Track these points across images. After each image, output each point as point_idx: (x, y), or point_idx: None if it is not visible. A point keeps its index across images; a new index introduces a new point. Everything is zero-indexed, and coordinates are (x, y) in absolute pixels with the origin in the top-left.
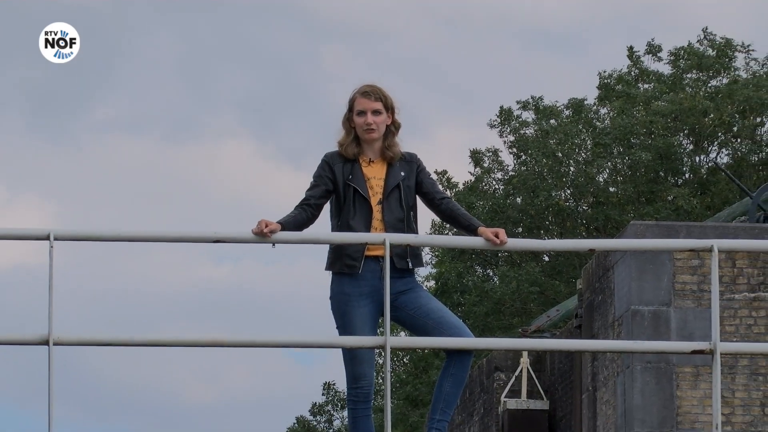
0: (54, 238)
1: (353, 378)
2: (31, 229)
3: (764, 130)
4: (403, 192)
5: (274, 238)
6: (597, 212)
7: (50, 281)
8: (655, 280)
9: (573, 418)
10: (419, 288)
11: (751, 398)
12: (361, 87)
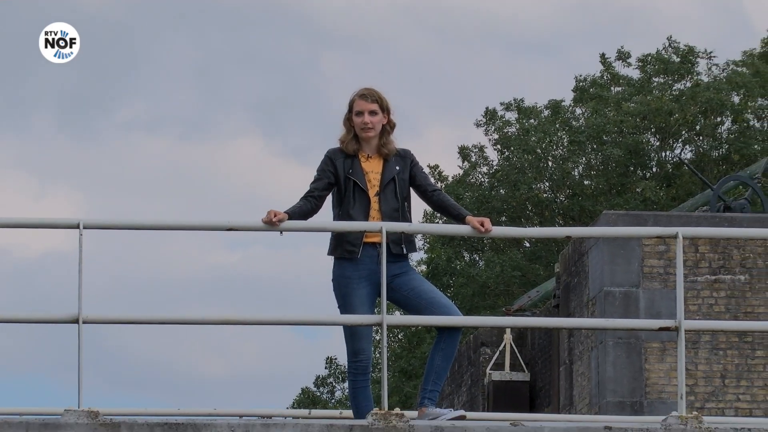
0: (83, 227)
1: (353, 353)
2: (62, 219)
3: (724, 129)
4: (398, 184)
5: (281, 227)
6: (573, 203)
7: (80, 266)
8: (626, 263)
9: (551, 388)
10: (413, 271)
11: (712, 371)
12: (360, 90)
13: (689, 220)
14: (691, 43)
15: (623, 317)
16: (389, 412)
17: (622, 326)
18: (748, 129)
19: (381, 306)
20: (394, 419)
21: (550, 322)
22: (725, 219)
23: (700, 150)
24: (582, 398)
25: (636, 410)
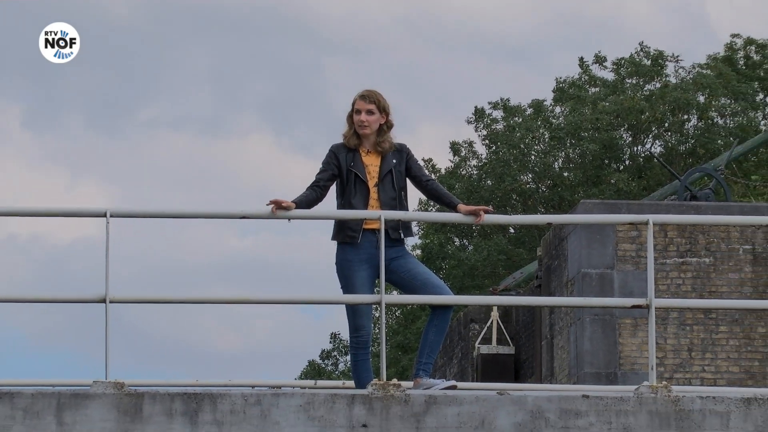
0: (110, 216)
1: (354, 329)
2: (91, 208)
3: (690, 126)
4: (395, 176)
5: (289, 214)
6: (553, 193)
7: (107, 251)
8: (601, 247)
9: (534, 360)
10: (408, 255)
11: (679, 344)
12: (362, 91)
13: (659, 208)
14: (660, 48)
15: (599, 296)
16: (387, 383)
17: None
18: (713, 126)
19: (380, 286)
20: (391, 389)
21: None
22: (691, 207)
23: (669, 145)
24: (562, 369)
25: (611, 380)
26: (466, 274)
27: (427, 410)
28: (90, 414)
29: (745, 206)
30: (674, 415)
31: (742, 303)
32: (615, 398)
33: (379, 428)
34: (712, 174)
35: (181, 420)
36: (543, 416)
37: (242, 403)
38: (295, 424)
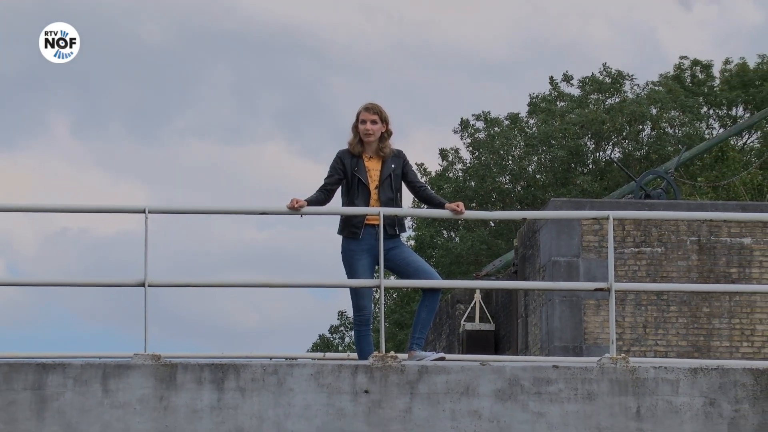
0: (148, 212)
1: (357, 308)
2: (131, 206)
3: (644, 134)
4: (393, 180)
5: (302, 211)
6: (527, 192)
7: (145, 242)
8: (569, 239)
9: (511, 336)
10: (403, 246)
11: (636, 322)
12: (365, 104)
13: (618, 205)
14: (619, 68)
15: (567, 281)
16: (386, 355)
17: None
18: (664, 134)
19: (379, 273)
20: (389, 360)
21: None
22: (646, 204)
23: (626, 151)
24: (535, 343)
25: (577, 353)
26: (453, 261)
27: (420, 378)
28: (131, 382)
29: (691, 203)
30: (631, 382)
31: (689, 286)
32: (580, 368)
33: (378, 394)
34: (664, 176)
35: (209, 387)
36: (519, 383)
37: (261, 372)
38: (306, 391)
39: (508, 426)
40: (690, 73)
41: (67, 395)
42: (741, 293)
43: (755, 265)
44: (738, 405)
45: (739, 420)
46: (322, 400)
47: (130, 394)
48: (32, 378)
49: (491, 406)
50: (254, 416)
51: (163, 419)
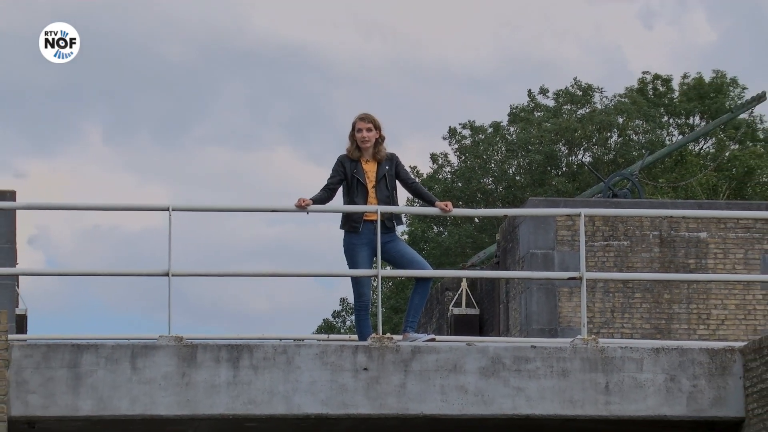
0: (172, 209)
1: (358, 295)
2: (157, 204)
3: (612, 141)
4: (388, 180)
5: (308, 209)
6: (508, 192)
7: (169, 236)
8: (545, 233)
9: (494, 319)
10: (398, 239)
11: (605, 307)
12: (360, 114)
13: (588, 203)
14: (589, 82)
15: (543, 270)
16: (383, 336)
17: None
18: (629, 141)
19: (377, 263)
20: (386, 341)
21: (493, 274)
22: (613, 203)
23: (596, 155)
24: (515, 326)
25: (552, 334)
26: (442, 253)
27: (413, 357)
28: (157, 360)
29: (654, 202)
30: (601, 360)
31: (652, 276)
32: (555, 348)
33: (376, 371)
34: (629, 178)
35: (226, 365)
36: (501, 361)
37: (272, 351)
38: (312, 369)
39: (491, 399)
40: (652, 87)
41: (99, 372)
42: (698, 282)
43: (710, 257)
44: (695, 381)
45: (697, 394)
46: (326, 376)
47: (155, 372)
48: (68, 357)
49: (476, 381)
50: (266, 391)
51: (184, 393)
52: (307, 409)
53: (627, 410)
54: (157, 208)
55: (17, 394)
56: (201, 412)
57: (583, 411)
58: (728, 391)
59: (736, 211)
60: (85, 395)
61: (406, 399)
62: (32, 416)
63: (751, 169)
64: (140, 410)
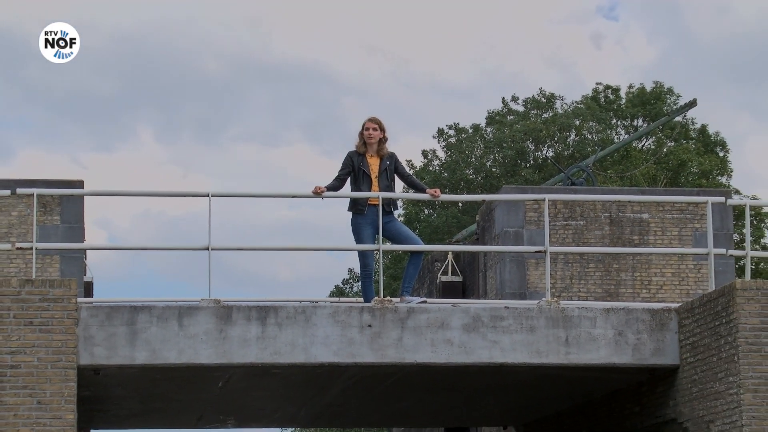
0: (211, 195)
1: (363, 265)
2: (198, 191)
3: (571, 139)
4: (388, 172)
5: (323, 195)
6: (486, 181)
7: (209, 217)
8: (516, 214)
9: (474, 285)
10: (396, 220)
11: (564, 275)
12: (369, 117)
13: (551, 190)
14: (551, 90)
15: (515, 245)
16: (384, 299)
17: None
18: (584, 139)
19: (379, 240)
20: (386, 303)
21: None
22: (571, 190)
23: (557, 151)
24: (492, 291)
25: (522, 298)
26: (432, 232)
27: (408, 316)
28: (199, 319)
29: (605, 189)
30: (561, 319)
31: (603, 249)
32: (525, 308)
33: (378, 327)
34: (584, 169)
35: (255, 323)
36: (480, 320)
37: (293, 312)
38: (326, 325)
39: (472, 350)
40: (603, 95)
41: (152, 329)
42: (641, 254)
43: (651, 234)
44: (639, 335)
45: (640, 346)
46: (337, 332)
47: (198, 328)
48: (127, 316)
49: (460, 336)
50: (288, 344)
51: (222, 346)
52: (321, 359)
53: (583, 359)
54: (198, 194)
55: (85, 346)
56: (235, 361)
57: (547, 360)
58: (666, 343)
59: (672, 196)
60: (141, 347)
61: (402, 350)
62: (97, 365)
63: (683, 162)
64: (185, 360)
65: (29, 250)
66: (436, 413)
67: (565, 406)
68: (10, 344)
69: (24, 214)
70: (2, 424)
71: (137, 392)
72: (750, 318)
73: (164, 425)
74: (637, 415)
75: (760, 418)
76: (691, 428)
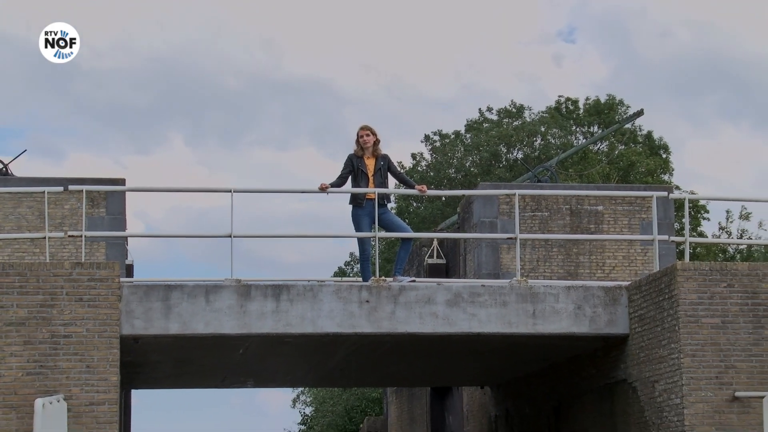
0: (233, 191)
1: (362, 250)
2: (221, 187)
3: (537, 143)
4: (382, 171)
5: (328, 191)
6: (465, 179)
7: (231, 210)
8: (491, 207)
9: (456, 267)
10: (389, 212)
11: (532, 257)
12: (363, 125)
13: (521, 186)
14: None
15: (490, 233)
16: (379, 279)
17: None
18: (549, 143)
19: (375, 228)
20: (381, 282)
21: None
22: (538, 186)
23: (526, 153)
24: (470, 271)
25: (496, 277)
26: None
27: (400, 293)
28: (223, 295)
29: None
30: (529, 295)
31: (564, 236)
32: (498, 286)
33: (375, 303)
34: (548, 169)
35: (270, 299)
36: (461, 296)
37: (303, 289)
38: (330, 301)
39: (454, 322)
40: (564, 106)
41: (183, 304)
42: (596, 240)
43: (605, 224)
44: (595, 308)
45: (596, 318)
46: (340, 306)
47: (222, 303)
48: (161, 294)
49: (443, 309)
50: (298, 317)
51: (242, 319)
52: (326, 329)
53: (548, 329)
54: (221, 190)
55: (126, 319)
56: (253, 332)
57: (517, 330)
58: (617, 315)
59: (622, 191)
60: (173, 320)
61: (395, 322)
62: (137, 334)
63: (632, 162)
64: (211, 330)
65: (79, 237)
66: (424, 375)
67: (533, 368)
68: (63, 317)
69: (75, 207)
70: (57, 385)
71: (170, 357)
72: (689, 294)
73: (193, 385)
74: (593, 376)
75: (696, 378)
76: (639, 387)
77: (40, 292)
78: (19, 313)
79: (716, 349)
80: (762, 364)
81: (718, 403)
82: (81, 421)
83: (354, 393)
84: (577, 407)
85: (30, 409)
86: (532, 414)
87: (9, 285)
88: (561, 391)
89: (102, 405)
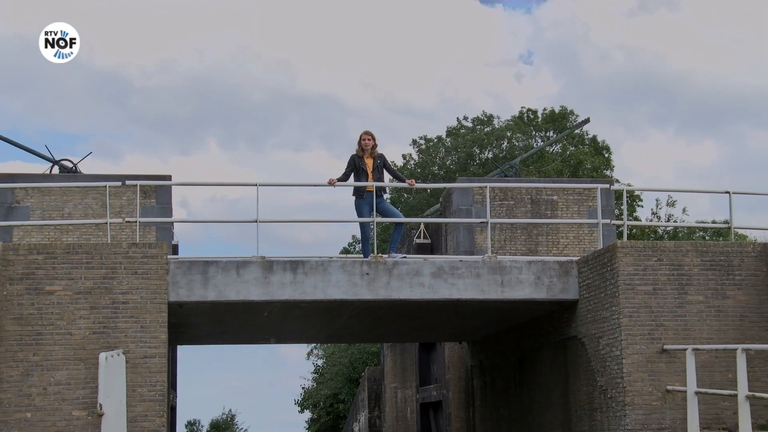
0: (259, 185)
1: (363, 232)
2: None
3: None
4: (379, 168)
5: (335, 185)
6: (446, 175)
7: (257, 201)
8: (467, 197)
9: (440, 245)
10: (385, 201)
11: (501, 238)
12: (364, 130)
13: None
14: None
15: (466, 218)
16: (377, 255)
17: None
18: (514, 146)
19: (373, 215)
20: (379, 258)
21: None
22: (505, 180)
23: (495, 154)
24: (450, 249)
25: (471, 254)
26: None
27: (394, 267)
28: (250, 270)
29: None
30: (498, 268)
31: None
32: (473, 261)
33: (374, 275)
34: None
35: (289, 273)
36: (443, 269)
37: (315, 264)
38: (338, 273)
39: (437, 290)
40: (526, 115)
41: (218, 277)
42: (552, 223)
43: (559, 210)
44: (551, 279)
45: (552, 286)
46: (345, 278)
47: (250, 276)
48: (201, 268)
49: (429, 280)
50: (311, 286)
51: (266, 288)
52: (334, 296)
53: (513, 295)
54: (249, 184)
55: (173, 288)
56: (275, 298)
57: (489, 296)
58: (569, 284)
59: (573, 184)
60: (211, 289)
61: (390, 290)
62: (181, 301)
63: (581, 161)
64: (241, 297)
65: (134, 223)
66: (413, 333)
67: (501, 327)
68: (121, 287)
69: (131, 198)
70: (117, 342)
71: (208, 319)
72: (627, 267)
73: (227, 342)
74: (551, 333)
75: (633, 334)
76: (587, 342)
77: (103, 267)
78: (86, 284)
79: (648, 311)
80: (685, 323)
81: (650, 354)
82: (137, 371)
83: (357, 348)
84: (537, 359)
85: (95, 361)
86: (500, 364)
87: (78, 261)
88: (524, 346)
89: (153, 358)
